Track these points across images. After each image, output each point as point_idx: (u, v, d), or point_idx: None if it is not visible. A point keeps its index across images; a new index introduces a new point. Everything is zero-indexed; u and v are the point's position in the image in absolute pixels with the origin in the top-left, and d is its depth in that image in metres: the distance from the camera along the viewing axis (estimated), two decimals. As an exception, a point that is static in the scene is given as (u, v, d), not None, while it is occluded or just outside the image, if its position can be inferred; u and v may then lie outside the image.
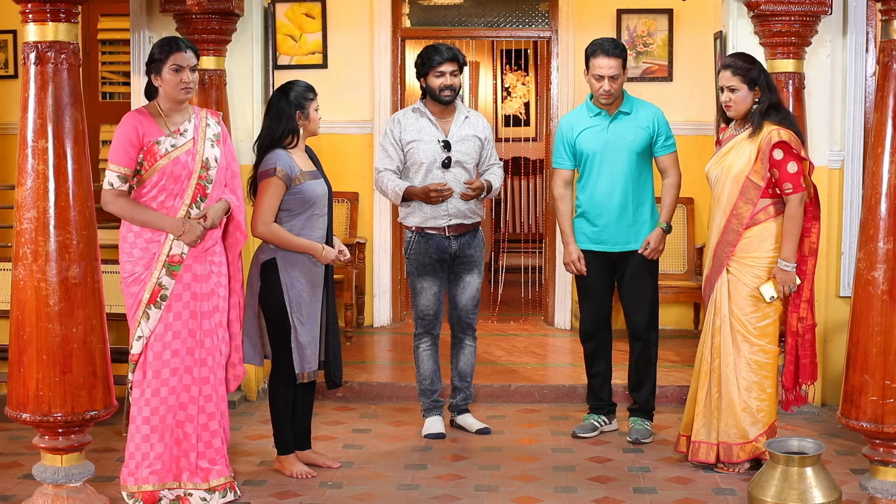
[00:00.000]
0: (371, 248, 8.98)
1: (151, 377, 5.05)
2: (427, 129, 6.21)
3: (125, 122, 5.03)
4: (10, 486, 5.48)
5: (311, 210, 5.51)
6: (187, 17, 6.62)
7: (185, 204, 5.03)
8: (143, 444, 5.09)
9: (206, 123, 5.16)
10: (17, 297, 4.74)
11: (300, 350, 5.52)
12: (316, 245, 5.51)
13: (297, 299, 5.50)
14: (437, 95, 6.20)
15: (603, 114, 6.20)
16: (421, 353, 6.40)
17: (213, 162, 5.11)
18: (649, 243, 6.15)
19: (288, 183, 5.42)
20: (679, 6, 8.58)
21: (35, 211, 4.65)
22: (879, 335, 4.59)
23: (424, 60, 6.20)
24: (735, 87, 5.59)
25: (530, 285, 10.11)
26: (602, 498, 5.38)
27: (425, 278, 6.28)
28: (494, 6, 8.98)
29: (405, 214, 6.28)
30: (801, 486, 4.70)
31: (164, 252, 5.01)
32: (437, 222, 6.21)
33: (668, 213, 6.22)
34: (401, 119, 6.26)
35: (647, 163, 6.21)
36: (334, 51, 8.80)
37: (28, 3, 4.63)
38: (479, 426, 6.43)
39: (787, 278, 5.53)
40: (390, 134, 6.23)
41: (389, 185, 6.18)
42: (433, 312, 6.33)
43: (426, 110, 6.25)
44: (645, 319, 6.26)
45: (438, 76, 6.17)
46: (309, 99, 5.54)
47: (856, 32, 6.74)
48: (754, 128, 5.55)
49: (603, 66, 6.10)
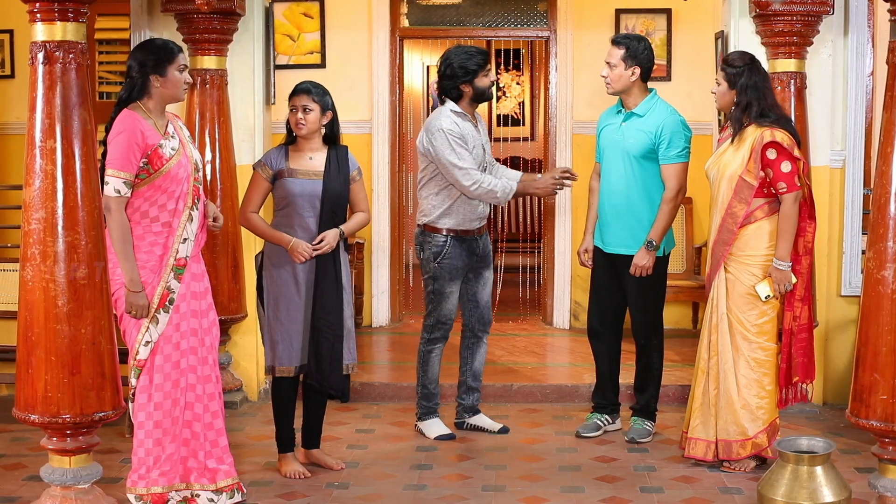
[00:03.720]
0: (369, 248, 8.98)
1: (162, 380, 5.00)
2: (472, 132, 6.19)
3: (127, 126, 4.88)
4: (15, 487, 5.46)
5: (290, 207, 5.52)
6: (189, 17, 6.60)
7: (188, 206, 5.01)
8: (154, 448, 5.03)
9: (179, 125, 5.15)
10: (25, 298, 4.71)
11: (271, 344, 5.54)
12: (285, 237, 5.49)
13: (276, 294, 5.52)
14: (486, 95, 6.22)
15: (623, 112, 6.20)
16: (433, 358, 6.36)
17: (199, 164, 5.13)
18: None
19: (270, 178, 5.52)
20: (678, 6, 8.60)
21: (43, 211, 4.62)
22: (889, 334, 4.60)
23: (470, 64, 6.11)
24: (718, 81, 5.77)
25: (528, 285, 10.10)
26: (609, 497, 5.38)
27: (455, 282, 6.25)
28: (493, 6, 8.97)
29: (438, 217, 6.19)
30: (811, 485, 4.71)
31: (172, 255, 4.99)
32: (472, 224, 6.24)
33: (655, 229, 6.07)
34: (457, 122, 6.11)
35: (650, 169, 6.11)
36: (332, 50, 8.78)
37: (36, 3, 4.60)
38: (498, 426, 6.44)
39: (783, 277, 5.56)
40: (454, 135, 6.06)
41: (497, 183, 6.11)
42: (454, 317, 6.33)
43: (466, 114, 6.21)
44: (642, 324, 6.26)
45: (487, 75, 6.16)
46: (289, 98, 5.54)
47: (857, 32, 6.75)
48: (734, 131, 5.66)
49: (608, 53, 6.13)
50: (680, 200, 6.14)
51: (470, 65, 6.11)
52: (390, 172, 8.96)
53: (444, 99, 6.23)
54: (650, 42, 6.23)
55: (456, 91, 6.16)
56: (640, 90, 6.15)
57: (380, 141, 8.91)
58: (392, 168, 8.98)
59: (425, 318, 6.35)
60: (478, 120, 6.32)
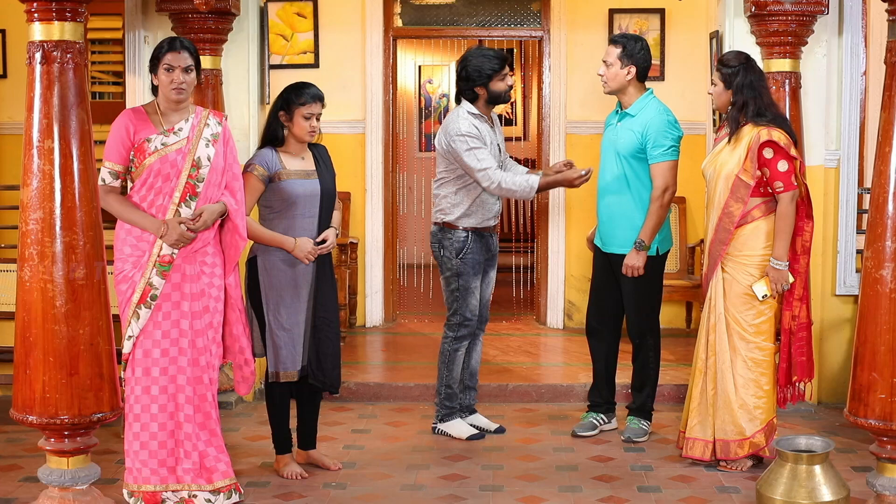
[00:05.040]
0: (363, 248, 8.97)
1: (141, 374, 5.06)
2: (489, 132, 6.21)
3: (118, 120, 5.09)
4: (11, 488, 5.44)
5: (292, 209, 5.47)
6: (183, 17, 6.59)
7: (174, 203, 5.03)
8: (133, 442, 5.09)
9: (206, 123, 5.15)
10: (22, 299, 4.69)
11: (275, 350, 5.49)
12: (288, 239, 5.44)
13: (275, 299, 5.47)
14: (503, 98, 6.23)
15: (620, 112, 6.23)
16: (458, 357, 6.34)
17: (206, 161, 5.09)
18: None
19: (265, 181, 5.42)
20: (671, 6, 8.61)
21: (41, 212, 4.60)
22: (887, 333, 4.61)
23: (486, 68, 6.11)
24: (714, 82, 5.78)
25: (522, 285, 10.11)
26: (607, 497, 5.38)
27: (477, 277, 6.27)
28: (486, 6, 8.98)
29: (459, 216, 6.19)
30: (809, 484, 4.72)
31: (155, 252, 5.02)
32: (488, 222, 6.26)
33: (644, 229, 6.07)
34: (476, 124, 6.12)
35: (641, 169, 6.12)
36: (326, 50, 8.76)
37: (34, 3, 4.58)
38: (494, 426, 6.44)
39: (780, 276, 5.57)
40: (473, 135, 6.08)
41: (518, 180, 6.10)
42: (478, 313, 6.33)
43: (482, 115, 6.21)
44: (635, 324, 6.26)
45: (502, 79, 6.17)
46: (297, 102, 5.43)
47: (851, 32, 6.77)
48: (731, 130, 5.66)
49: (605, 52, 6.20)
50: (668, 199, 6.13)
51: (485, 68, 6.11)
52: (384, 172, 8.95)
53: (460, 99, 6.25)
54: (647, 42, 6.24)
55: (471, 93, 6.18)
56: (635, 90, 6.17)
57: (373, 141, 8.90)
58: (385, 168, 8.97)
59: (450, 317, 6.31)
60: (494, 121, 6.34)
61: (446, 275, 6.28)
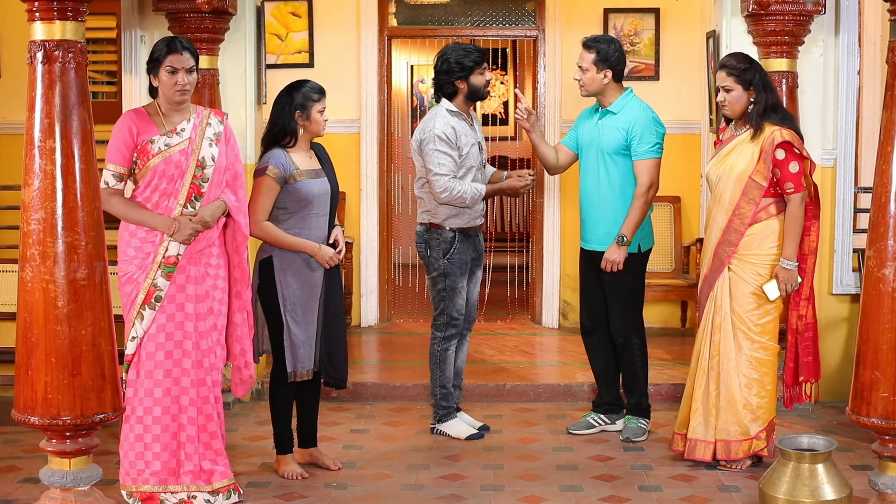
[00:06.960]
0: (358, 247, 8.96)
1: (144, 377, 5.05)
2: (468, 131, 6.20)
3: (120, 122, 5.07)
4: (10, 490, 5.42)
5: (307, 209, 5.47)
6: (180, 16, 6.56)
7: (180, 204, 5.03)
8: (136, 444, 5.08)
9: (207, 123, 5.14)
10: (24, 299, 4.67)
11: (293, 349, 5.49)
12: (312, 244, 5.47)
13: (292, 298, 5.47)
14: (481, 94, 6.22)
15: (600, 110, 6.24)
16: (448, 356, 6.34)
17: (210, 161, 5.08)
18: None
19: (281, 182, 5.40)
20: (666, 5, 8.62)
21: (43, 212, 4.59)
22: (890, 332, 4.62)
23: (467, 60, 6.13)
24: (730, 87, 5.65)
25: (517, 284, 10.10)
26: (609, 496, 5.39)
27: (464, 277, 6.27)
28: (481, 5, 8.97)
29: (447, 217, 6.18)
30: (812, 483, 4.74)
31: (161, 253, 5.01)
32: (475, 221, 6.26)
33: (627, 223, 6.09)
34: (454, 125, 6.11)
35: (624, 166, 6.14)
36: (321, 50, 8.76)
37: (35, 2, 4.56)
38: (479, 423, 6.44)
39: (790, 277, 5.57)
40: (448, 140, 6.07)
41: (467, 188, 6.08)
42: (464, 312, 6.33)
43: (461, 112, 6.21)
44: (618, 321, 6.26)
45: (482, 73, 6.17)
46: (312, 100, 5.48)
47: (848, 32, 6.79)
48: (755, 129, 5.59)
49: (579, 56, 6.21)
50: (652, 196, 6.14)
51: (466, 61, 6.12)
52: (378, 172, 8.94)
53: (439, 97, 6.22)
54: (622, 43, 6.31)
55: (451, 87, 6.16)
56: (614, 90, 6.20)
57: (368, 140, 8.89)
58: (380, 167, 8.96)
59: (436, 317, 6.32)
60: (473, 118, 6.32)
61: (433, 275, 6.28)
